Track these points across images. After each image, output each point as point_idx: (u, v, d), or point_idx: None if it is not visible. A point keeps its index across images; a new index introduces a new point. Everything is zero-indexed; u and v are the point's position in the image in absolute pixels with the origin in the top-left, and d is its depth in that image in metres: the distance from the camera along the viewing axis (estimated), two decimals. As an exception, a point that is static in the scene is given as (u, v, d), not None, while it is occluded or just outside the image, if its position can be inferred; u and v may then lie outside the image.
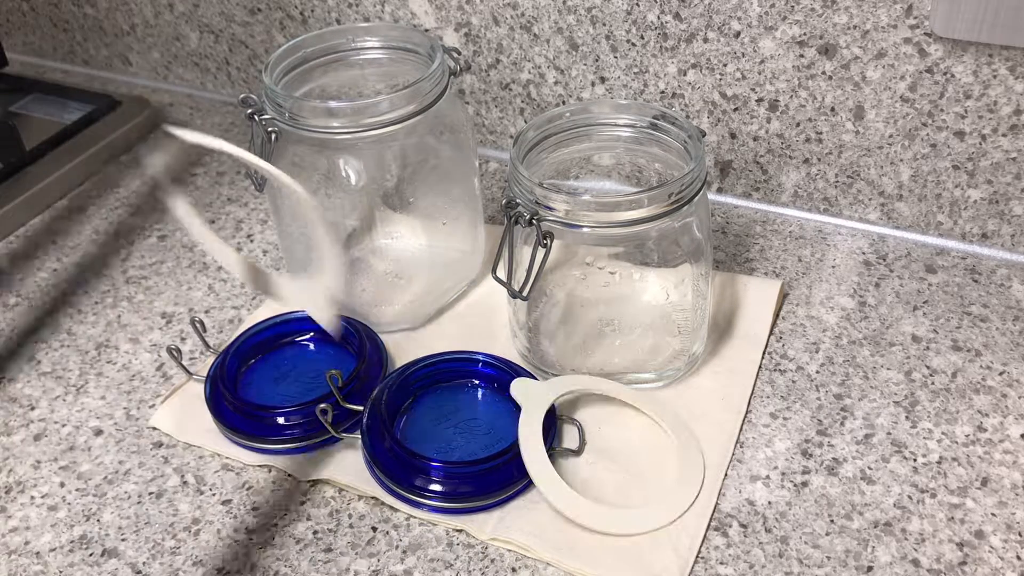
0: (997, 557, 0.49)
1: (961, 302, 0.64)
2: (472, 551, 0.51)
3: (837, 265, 0.68)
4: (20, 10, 0.99)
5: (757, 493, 0.53)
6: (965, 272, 0.66)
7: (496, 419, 0.57)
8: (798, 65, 0.66)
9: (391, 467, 0.53)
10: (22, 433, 0.60)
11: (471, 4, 0.74)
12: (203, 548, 0.52)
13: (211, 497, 0.55)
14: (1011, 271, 0.66)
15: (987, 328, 0.62)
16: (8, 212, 0.77)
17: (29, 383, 0.63)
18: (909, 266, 0.67)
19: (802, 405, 0.58)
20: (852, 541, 0.50)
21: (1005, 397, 0.57)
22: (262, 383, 0.60)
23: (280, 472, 0.56)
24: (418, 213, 0.64)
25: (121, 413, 0.60)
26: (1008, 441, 0.55)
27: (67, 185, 0.82)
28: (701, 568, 0.49)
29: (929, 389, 0.58)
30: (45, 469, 0.57)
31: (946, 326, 0.62)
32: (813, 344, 0.62)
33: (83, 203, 0.81)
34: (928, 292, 0.65)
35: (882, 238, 0.70)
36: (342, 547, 0.51)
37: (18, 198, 0.78)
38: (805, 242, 0.70)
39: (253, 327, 0.62)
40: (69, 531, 0.53)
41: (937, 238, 0.69)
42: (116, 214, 0.79)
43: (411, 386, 0.58)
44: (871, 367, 0.60)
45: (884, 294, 0.65)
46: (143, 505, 0.54)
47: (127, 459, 0.57)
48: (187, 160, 0.71)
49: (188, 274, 0.72)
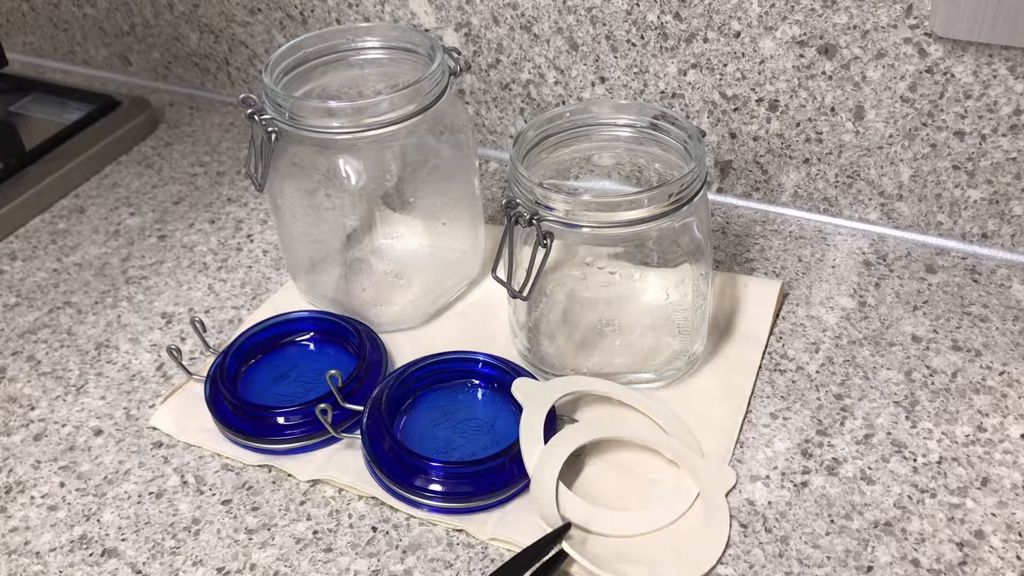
0: (997, 557, 0.49)
1: (961, 302, 0.64)
2: (472, 551, 0.51)
3: (837, 265, 0.68)
4: (20, 10, 0.99)
5: (757, 493, 0.53)
6: (965, 272, 0.66)
7: (496, 419, 0.57)
8: (798, 65, 0.66)
9: (391, 467, 0.53)
10: (22, 433, 0.60)
11: (471, 4, 0.74)
12: (203, 548, 0.52)
13: (211, 497, 0.55)
14: (1011, 271, 0.66)
15: (987, 328, 0.62)
16: (8, 212, 0.77)
17: (29, 383, 0.63)
18: (909, 266, 0.67)
19: (802, 405, 0.58)
20: (852, 541, 0.50)
21: (1005, 397, 0.57)
22: (262, 383, 0.60)
23: (280, 472, 0.56)
24: (418, 213, 0.64)
25: (121, 413, 0.60)
26: (1008, 441, 0.55)
27: (67, 185, 0.82)
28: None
29: (929, 389, 0.58)
30: (45, 469, 0.57)
31: (946, 326, 0.62)
32: (813, 344, 0.62)
33: (83, 203, 0.81)
34: (928, 292, 0.65)
35: (882, 238, 0.70)
36: (342, 547, 0.51)
37: (18, 198, 0.78)
38: (805, 242, 0.70)
39: (253, 327, 0.62)
40: (69, 531, 0.53)
41: (937, 238, 0.69)
42: (116, 214, 0.79)
43: (411, 386, 0.58)
44: (871, 367, 0.60)
45: (884, 294, 0.65)
46: (143, 505, 0.54)
47: (127, 459, 0.57)
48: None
49: (188, 274, 0.72)
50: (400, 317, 0.65)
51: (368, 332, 0.62)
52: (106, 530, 0.53)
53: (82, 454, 0.58)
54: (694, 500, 0.52)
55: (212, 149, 0.86)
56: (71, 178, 0.82)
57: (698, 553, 0.50)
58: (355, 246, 0.66)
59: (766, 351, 0.61)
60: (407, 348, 0.63)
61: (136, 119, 0.88)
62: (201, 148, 0.87)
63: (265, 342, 0.62)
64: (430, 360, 0.59)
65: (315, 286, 0.66)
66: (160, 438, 0.59)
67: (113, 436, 0.59)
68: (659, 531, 0.51)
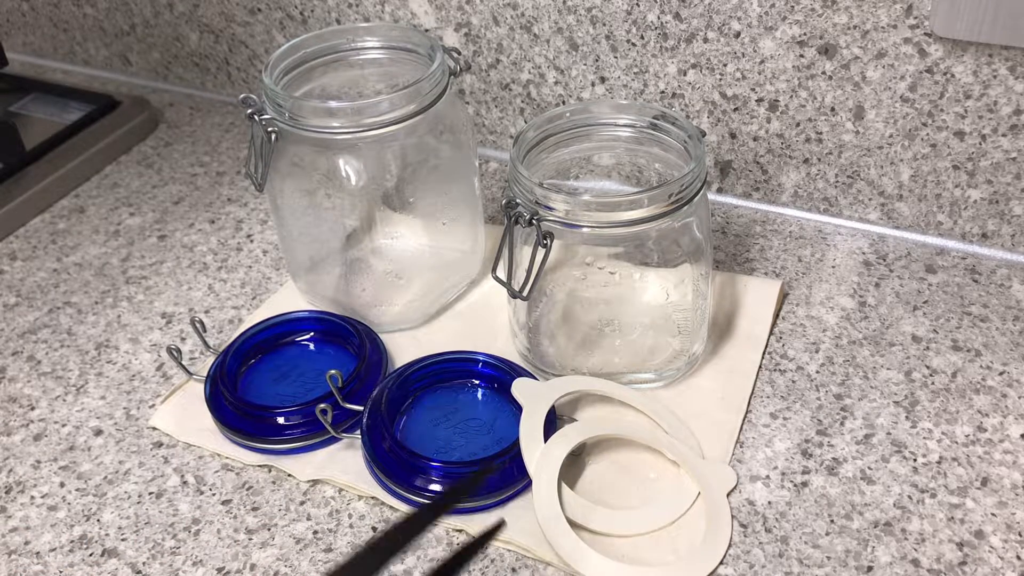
0: (997, 557, 0.49)
1: (961, 302, 0.64)
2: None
3: (837, 265, 0.68)
4: (20, 10, 1.00)
5: (757, 493, 0.53)
6: (965, 272, 0.66)
7: (496, 419, 0.57)
8: (798, 65, 0.66)
9: (391, 467, 0.53)
10: (22, 433, 0.60)
11: (471, 4, 0.74)
12: (203, 548, 0.52)
13: (211, 497, 0.55)
14: (1011, 271, 0.66)
15: (987, 328, 0.62)
16: (8, 212, 0.77)
17: (29, 383, 0.63)
18: (909, 266, 0.67)
19: (802, 405, 0.58)
20: (852, 541, 0.50)
21: (1005, 397, 0.57)
22: (262, 383, 0.60)
23: (280, 472, 0.56)
24: (418, 213, 0.64)
25: (121, 413, 0.60)
26: (1008, 441, 0.55)
27: (67, 185, 0.82)
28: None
29: (929, 389, 0.58)
30: (45, 469, 0.57)
31: (946, 326, 0.62)
32: (813, 344, 0.62)
33: (83, 203, 0.81)
34: (928, 292, 0.65)
35: (882, 238, 0.70)
36: (342, 547, 0.51)
37: (18, 198, 0.78)
38: (805, 242, 0.70)
39: (253, 327, 0.62)
40: (69, 531, 0.53)
41: (937, 238, 0.69)
42: (116, 214, 0.79)
43: (411, 386, 0.58)
44: (871, 367, 0.60)
45: (884, 294, 0.65)
46: (143, 505, 0.54)
47: (127, 459, 0.57)
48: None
49: (188, 274, 0.72)
50: (400, 317, 0.65)
51: (368, 332, 0.62)
52: (106, 530, 0.53)
53: (82, 454, 0.58)
54: (694, 500, 0.52)
55: (212, 149, 0.87)
56: (71, 178, 0.82)
57: (700, 554, 0.50)
58: (355, 246, 0.66)
59: (766, 351, 0.61)
60: (407, 348, 0.63)
61: (136, 119, 0.88)
62: (201, 148, 0.87)
63: (265, 342, 0.62)
64: (430, 360, 0.59)
65: (315, 286, 0.66)
66: (160, 438, 0.59)
67: (113, 436, 0.59)
68: (660, 531, 0.51)
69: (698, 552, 0.50)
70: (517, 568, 0.50)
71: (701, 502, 0.52)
